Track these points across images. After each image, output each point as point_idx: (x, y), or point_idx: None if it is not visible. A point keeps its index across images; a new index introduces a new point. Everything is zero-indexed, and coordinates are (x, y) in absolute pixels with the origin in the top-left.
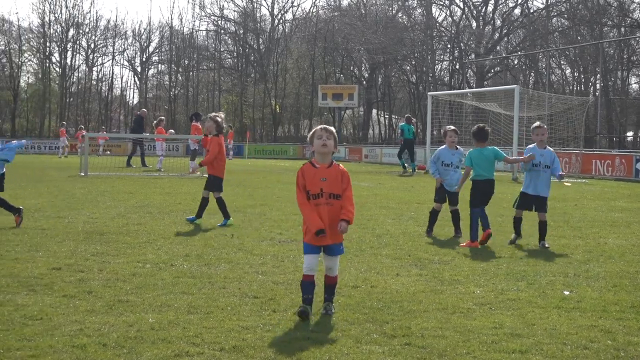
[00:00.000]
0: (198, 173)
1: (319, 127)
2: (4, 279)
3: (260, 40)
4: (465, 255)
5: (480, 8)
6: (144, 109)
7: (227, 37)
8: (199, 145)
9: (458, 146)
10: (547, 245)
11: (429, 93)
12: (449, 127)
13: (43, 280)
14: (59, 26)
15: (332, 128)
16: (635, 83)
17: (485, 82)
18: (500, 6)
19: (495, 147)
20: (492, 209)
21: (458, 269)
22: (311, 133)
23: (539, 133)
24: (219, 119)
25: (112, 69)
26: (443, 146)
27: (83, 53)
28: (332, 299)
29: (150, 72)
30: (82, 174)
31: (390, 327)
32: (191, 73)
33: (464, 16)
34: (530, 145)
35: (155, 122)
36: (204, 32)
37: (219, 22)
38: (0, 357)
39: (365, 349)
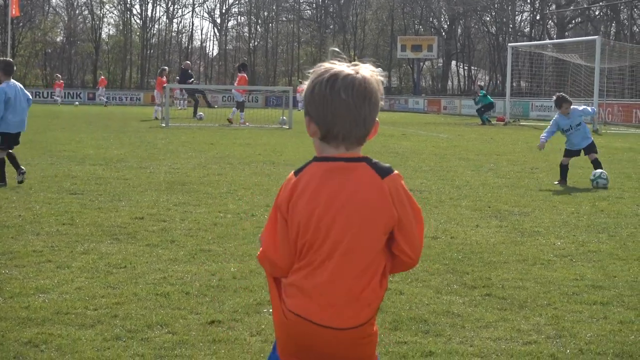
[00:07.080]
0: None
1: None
2: (88, 227)
3: None
4: (545, 207)
5: None
6: (188, 62)
7: None
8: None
9: (572, 107)
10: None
11: (509, 44)
12: (560, 94)
13: (126, 229)
14: None
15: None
16: None
17: (566, 33)
18: None
19: None
20: (574, 161)
21: (538, 220)
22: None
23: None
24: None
25: (192, 21)
26: (557, 115)
27: (163, 5)
28: None
29: (230, 23)
30: (163, 124)
31: (470, 277)
32: (270, 25)
33: None
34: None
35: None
36: None
37: None
38: (86, 304)
39: (446, 300)
